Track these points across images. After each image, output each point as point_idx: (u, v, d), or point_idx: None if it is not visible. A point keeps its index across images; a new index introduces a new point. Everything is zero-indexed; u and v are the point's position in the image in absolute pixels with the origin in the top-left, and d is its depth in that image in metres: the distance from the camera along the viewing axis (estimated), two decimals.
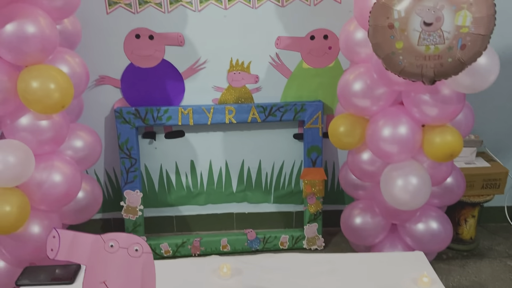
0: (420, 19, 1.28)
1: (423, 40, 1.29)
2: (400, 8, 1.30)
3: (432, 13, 1.26)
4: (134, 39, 2.04)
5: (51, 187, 1.66)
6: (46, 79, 1.54)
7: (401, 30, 1.30)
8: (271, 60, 2.12)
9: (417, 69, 1.34)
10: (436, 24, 1.26)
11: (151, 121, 2.07)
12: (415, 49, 1.32)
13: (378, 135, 1.69)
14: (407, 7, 1.29)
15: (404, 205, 1.71)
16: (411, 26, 1.29)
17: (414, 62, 1.32)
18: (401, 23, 1.30)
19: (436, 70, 1.32)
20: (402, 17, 1.30)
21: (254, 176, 2.32)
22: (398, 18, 1.30)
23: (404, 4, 1.30)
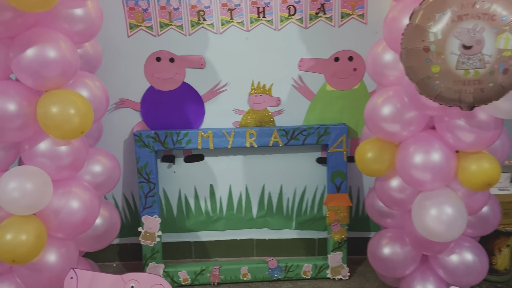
0: (459, 42, 1.20)
1: (461, 64, 1.21)
2: (436, 30, 1.23)
3: (472, 35, 1.19)
4: (155, 62, 2.01)
5: (69, 214, 1.62)
6: (66, 104, 1.50)
7: (437, 53, 1.23)
8: (294, 82, 2.06)
9: (455, 94, 1.26)
10: (476, 48, 1.19)
11: (170, 144, 2.02)
12: (453, 73, 1.24)
13: (409, 161, 1.60)
14: (444, 29, 1.22)
15: (438, 237, 1.60)
16: (448, 49, 1.22)
17: (451, 87, 1.25)
18: (438, 46, 1.23)
19: (475, 96, 1.24)
20: (438, 39, 1.23)
21: (275, 201, 2.24)
22: (435, 41, 1.23)
23: (440, 26, 1.23)
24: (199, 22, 1.97)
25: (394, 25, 1.48)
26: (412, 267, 1.86)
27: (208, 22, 1.97)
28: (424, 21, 1.25)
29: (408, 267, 1.85)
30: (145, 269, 2.10)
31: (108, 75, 1.99)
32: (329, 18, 1.97)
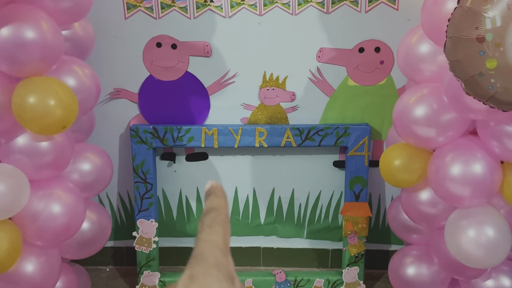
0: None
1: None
2: (494, 15, 0.98)
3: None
4: (155, 48, 1.79)
5: (49, 219, 1.42)
6: (45, 94, 1.30)
7: (495, 44, 0.98)
8: (311, 76, 1.81)
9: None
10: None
11: (170, 141, 1.81)
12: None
13: (445, 172, 1.36)
14: (505, 14, 0.97)
15: (475, 263, 1.37)
16: (509, 39, 0.97)
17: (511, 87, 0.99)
18: (496, 35, 0.98)
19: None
20: (497, 27, 0.97)
21: (286, 207, 2.02)
22: (492, 29, 0.98)
23: (500, 10, 0.97)
24: (206, 4, 1.73)
25: (436, 9, 1.23)
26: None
27: (215, 3, 1.74)
28: (479, 3, 1.00)
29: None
30: (139, 277, 1.90)
31: (101, 62, 1.78)
32: (354, 2, 1.71)
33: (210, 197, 0.48)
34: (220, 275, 0.38)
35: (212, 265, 0.39)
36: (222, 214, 0.46)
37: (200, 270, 0.38)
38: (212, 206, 0.46)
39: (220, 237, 0.43)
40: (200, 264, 0.39)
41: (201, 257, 0.40)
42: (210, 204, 0.47)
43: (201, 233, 0.43)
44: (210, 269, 0.39)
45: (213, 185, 0.51)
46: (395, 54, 1.75)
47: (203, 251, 0.40)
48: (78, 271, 1.79)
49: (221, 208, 0.46)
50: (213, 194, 0.49)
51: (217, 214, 0.45)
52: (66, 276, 1.67)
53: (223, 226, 0.45)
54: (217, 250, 0.41)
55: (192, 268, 0.39)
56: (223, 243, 0.43)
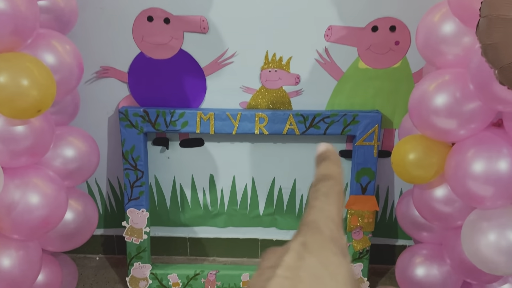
0: None
1: None
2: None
3: None
4: (146, 22, 1.62)
5: (26, 211, 1.29)
6: (17, 73, 1.15)
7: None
8: (318, 57, 1.65)
9: None
10: None
11: (162, 126, 1.66)
12: None
13: (465, 169, 1.21)
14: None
15: (494, 269, 1.24)
16: None
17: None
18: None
19: None
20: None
21: (286, 197, 1.89)
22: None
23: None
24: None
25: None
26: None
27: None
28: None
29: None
30: (130, 269, 1.79)
31: (86, 37, 1.62)
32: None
33: (325, 162, 0.44)
34: (335, 249, 0.36)
35: (328, 237, 0.37)
36: (339, 184, 0.42)
37: (315, 239, 0.36)
38: (329, 173, 0.43)
39: (335, 209, 0.40)
40: (315, 234, 0.37)
41: (315, 226, 0.38)
42: (326, 170, 0.43)
43: (315, 200, 0.40)
44: (326, 241, 0.36)
45: (328, 148, 0.47)
46: (413, 34, 1.59)
47: (318, 220, 0.38)
48: (63, 261, 1.67)
49: (338, 177, 0.43)
50: (329, 159, 0.45)
51: (334, 183, 0.42)
52: (49, 268, 1.55)
53: (339, 197, 0.42)
54: (331, 223, 0.39)
55: (305, 235, 0.37)
56: (337, 216, 0.40)
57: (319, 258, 0.34)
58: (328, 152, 0.44)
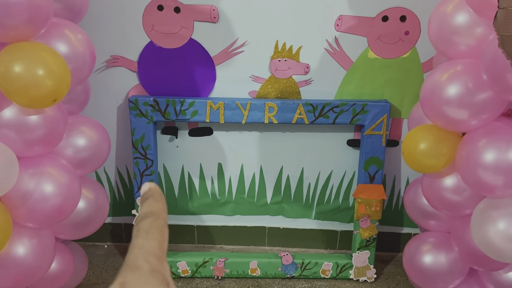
0: None
1: None
2: None
3: None
4: (156, 11, 1.61)
5: (41, 200, 1.30)
6: (32, 62, 1.15)
7: None
8: (328, 46, 1.65)
9: None
10: None
11: (172, 115, 1.67)
12: None
13: (476, 159, 1.23)
14: None
15: (503, 257, 1.26)
16: None
17: None
18: None
19: None
20: None
21: (294, 186, 1.91)
22: None
23: None
24: None
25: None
26: (458, 280, 1.54)
27: None
28: None
29: (453, 280, 1.53)
30: None
31: (96, 26, 1.61)
32: None
33: (147, 201, 0.44)
34: (155, 281, 0.36)
35: (147, 272, 0.36)
36: (160, 219, 0.42)
37: (134, 277, 0.36)
38: (150, 210, 0.43)
39: (157, 243, 0.40)
40: (134, 272, 0.36)
41: (134, 264, 0.37)
42: (147, 208, 0.43)
43: (136, 239, 0.40)
44: (145, 276, 0.36)
45: (151, 187, 0.47)
46: (422, 24, 1.59)
47: (137, 258, 0.38)
48: (74, 249, 1.69)
49: (159, 213, 0.43)
50: (151, 197, 0.45)
51: (154, 219, 0.42)
52: (62, 256, 1.57)
53: (161, 231, 0.42)
54: (152, 257, 0.38)
55: (124, 276, 0.36)
56: (159, 249, 0.40)
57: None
58: (150, 191, 0.45)
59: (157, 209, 0.43)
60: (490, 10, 1.06)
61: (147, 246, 0.38)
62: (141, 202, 0.45)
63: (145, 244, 0.39)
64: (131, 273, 0.36)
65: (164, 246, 0.40)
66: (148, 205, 0.43)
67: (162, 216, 0.42)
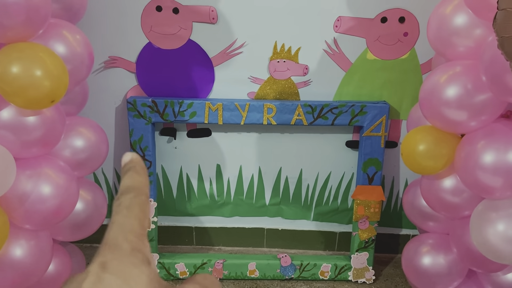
0: None
1: None
2: None
3: None
4: (155, 12, 1.61)
5: (38, 201, 1.29)
6: (30, 63, 1.14)
7: None
8: (327, 47, 1.65)
9: None
10: None
11: (171, 116, 1.66)
12: None
13: (475, 160, 1.23)
14: None
15: (502, 258, 1.26)
16: None
17: None
18: None
19: None
20: None
21: (293, 187, 1.90)
22: None
23: None
24: None
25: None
26: (457, 282, 1.53)
27: None
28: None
29: (452, 282, 1.53)
30: None
31: (95, 26, 1.60)
32: None
33: (128, 173, 0.41)
34: (136, 260, 0.34)
35: (127, 251, 0.35)
36: (142, 195, 0.40)
37: (114, 257, 0.34)
38: (131, 185, 0.40)
39: (137, 221, 0.38)
40: (114, 251, 0.35)
41: (114, 243, 0.35)
42: (128, 182, 0.41)
43: (116, 215, 0.38)
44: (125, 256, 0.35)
45: (133, 158, 0.43)
46: (421, 25, 1.59)
47: (117, 237, 0.36)
48: (71, 251, 1.68)
49: (141, 187, 0.41)
50: (133, 169, 0.42)
51: (136, 194, 0.39)
52: (59, 257, 1.56)
53: (142, 207, 0.39)
54: (132, 235, 0.36)
55: (104, 255, 0.34)
56: (140, 227, 0.38)
57: (119, 275, 0.33)
58: (132, 162, 0.42)
59: (138, 183, 0.41)
60: (489, 11, 1.06)
61: (127, 224, 0.37)
62: (122, 174, 0.42)
63: (125, 222, 0.37)
64: (111, 252, 0.35)
65: (145, 223, 0.39)
66: (129, 178, 0.41)
67: (143, 192, 0.40)
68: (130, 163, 0.43)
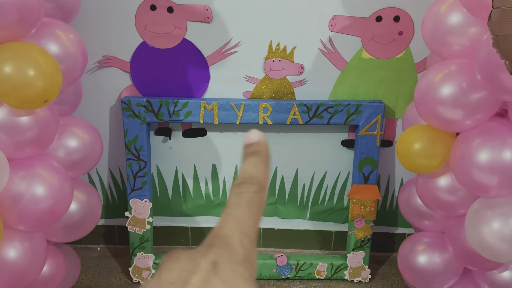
0: None
1: None
2: None
3: None
4: (149, 11, 1.60)
5: (32, 202, 1.28)
6: (23, 62, 1.13)
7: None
8: (322, 46, 1.65)
9: None
10: None
11: (166, 116, 1.65)
12: None
13: (471, 159, 1.23)
14: None
15: (497, 257, 1.26)
16: None
17: None
18: None
19: None
20: None
21: (288, 187, 1.90)
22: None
23: None
24: None
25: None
26: (453, 280, 1.54)
27: None
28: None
29: (448, 280, 1.53)
30: (133, 259, 1.79)
31: (89, 26, 1.59)
32: None
33: (253, 158, 0.37)
34: (246, 275, 0.31)
35: (241, 259, 0.32)
36: (263, 191, 0.36)
37: (227, 260, 0.31)
38: (255, 175, 0.36)
39: (254, 223, 0.34)
40: (228, 253, 0.32)
41: (229, 243, 0.32)
42: (253, 170, 0.36)
43: (236, 207, 0.33)
44: (238, 264, 0.32)
45: (260, 141, 0.38)
46: (416, 24, 1.59)
47: (233, 236, 0.32)
48: (66, 252, 1.67)
49: (264, 182, 0.36)
50: (259, 155, 0.37)
51: (258, 189, 0.35)
52: (54, 258, 1.55)
53: (261, 208, 0.35)
54: (247, 240, 0.33)
55: (218, 253, 0.31)
56: (254, 230, 0.34)
57: (228, 285, 0.30)
58: (259, 146, 0.38)
59: (263, 176, 0.36)
60: (484, 10, 1.06)
61: (245, 224, 0.33)
62: (245, 154, 0.36)
63: (243, 220, 0.34)
64: (225, 252, 0.32)
65: (258, 227, 0.35)
66: (253, 165, 0.36)
67: (265, 187, 0.36)
68: (257, 146, 0.38)
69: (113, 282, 1.82)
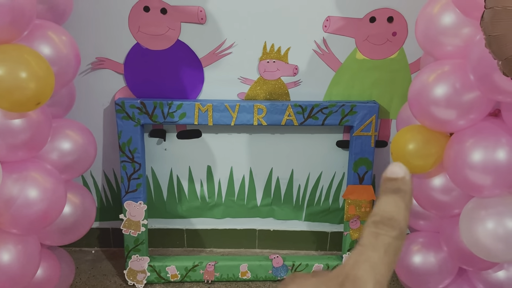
0: None
1: None
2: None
3: None
4: (142, 12, 1.59)
5: (25, 205, 1.27)
6: (15, 65, 1.12)
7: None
8: (316, 47, 1.65)
9: None
10: None
11: (160, 118, 1.65)
12: None
13: (464, 159, 1.23)
14: None
15: (492, 257, 1.27)
16: None
17: None
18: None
19: None
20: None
21: (284, 188, 1.90)
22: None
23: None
24: None
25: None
26: (448, 280, 1.54)
27: None
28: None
29: (443, 280, 1.53)
30: (127, 262, 1.78)
31: (81, 27, 1.58)
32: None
33: (396, 197, 0.34)
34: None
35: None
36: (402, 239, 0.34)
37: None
38: (397, 218, 0.34)
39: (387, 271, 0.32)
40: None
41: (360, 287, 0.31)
42: (394, 211, 0.34)
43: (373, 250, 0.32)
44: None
45: (406, 179, 0.35)
46: (410, 25, 1.60)
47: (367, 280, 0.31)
48: (60, 255, 1.66)
49: (404, 228, 0.34)
50: (402, 195, 0.35)
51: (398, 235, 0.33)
52: (48, 262, 1.54)
53: (397, 256, 0.34)
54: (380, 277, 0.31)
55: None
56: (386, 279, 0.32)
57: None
58: (403, 184, 0.35)
59: (404, 221, 0.34)
60: (476, 10, 1.07)
61: (379, 271, 0.32)
62: (385, 189, 0.34)
63: (379, 266, 0.32)
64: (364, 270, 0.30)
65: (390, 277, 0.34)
66: (396, 206, 0.34)
67: (405, 236, 0.34)
68: (401, 184, 0.35)
69: (108, 285, 1.81)
